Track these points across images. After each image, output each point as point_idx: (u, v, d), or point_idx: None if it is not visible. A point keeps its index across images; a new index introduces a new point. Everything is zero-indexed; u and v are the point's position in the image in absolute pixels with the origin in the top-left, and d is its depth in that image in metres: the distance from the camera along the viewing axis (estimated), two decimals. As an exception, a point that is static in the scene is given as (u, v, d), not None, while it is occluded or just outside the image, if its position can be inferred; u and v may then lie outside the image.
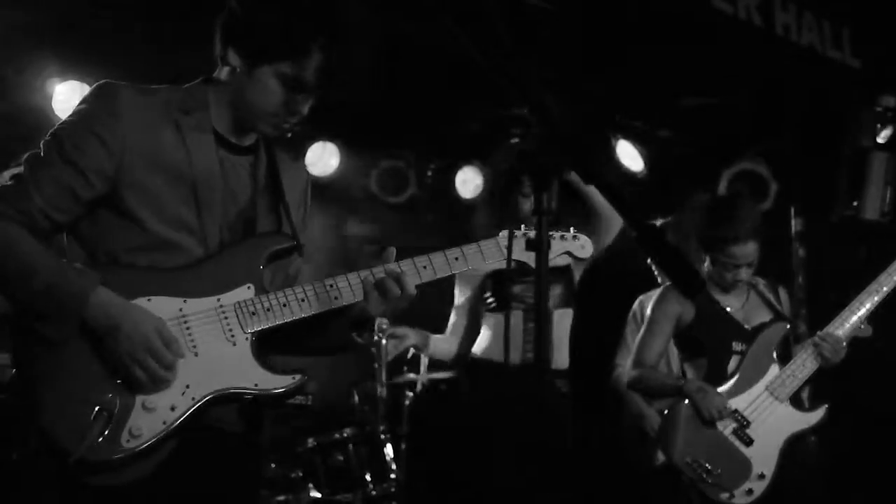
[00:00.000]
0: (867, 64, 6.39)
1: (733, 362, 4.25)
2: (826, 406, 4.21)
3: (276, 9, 2.49)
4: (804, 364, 4.22)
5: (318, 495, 5.11)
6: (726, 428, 4.12)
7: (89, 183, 2.44)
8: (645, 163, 6.65)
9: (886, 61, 6.31)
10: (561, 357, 4.37)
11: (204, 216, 2.52)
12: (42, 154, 2.46)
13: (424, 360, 5.42)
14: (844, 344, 4.20)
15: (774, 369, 4.21)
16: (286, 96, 2.52)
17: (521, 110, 2.04)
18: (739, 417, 4.13)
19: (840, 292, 4.60)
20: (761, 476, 4.06)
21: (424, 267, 2.62)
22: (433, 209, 7.39)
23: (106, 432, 2.32)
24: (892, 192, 6.11)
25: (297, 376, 2.53)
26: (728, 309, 4.35)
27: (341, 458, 5.24)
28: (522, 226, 2.69)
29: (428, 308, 3.68)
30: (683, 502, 4.08)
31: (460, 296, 4.76)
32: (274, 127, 2.58)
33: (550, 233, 2.64)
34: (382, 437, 5.40)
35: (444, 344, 4.83)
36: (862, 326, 4.27)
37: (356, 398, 5.68)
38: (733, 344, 4.26)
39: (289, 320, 2.54)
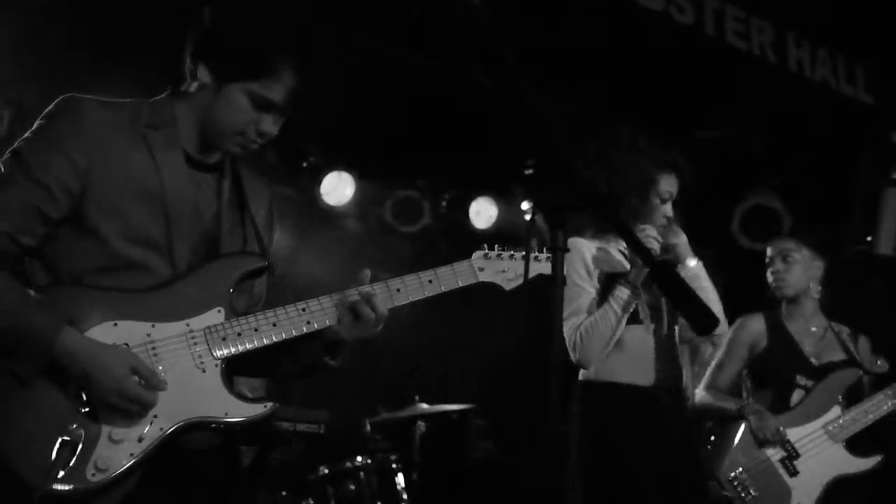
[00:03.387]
0: (880, 99, 6.40)
1: (796, 395, 4.31)
2: (881, 456, 4.24)
3: (248, 28, 2.43)
4: (867, 412, 4.28)
5: (329, 524, 5.10)
6: (775, 455, 4.17)
7: (56, 202, 2.31)
8: None
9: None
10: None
11: (174, 235, 2.40)
12: (3, 173, 2.33)
13: None
14: None
15: (836, 410, 4.28)
16: (255, 115, 2.43)
17: (533, 143, 2.06)
18: (790, 448, 4.18)
19: (852, 327, 4.62)
20: None
21: (398, 290, 2.54)
22: (447, 239, 7.42)
23: (71, 464, 2.20)
24: (906, 228, 6.11)
25: (269, 404, 2.40)
26: (799, 343, 4.42)
27: (353, 486, 5.23)
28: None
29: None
30: None
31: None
32: (240, 146, 2.48)
33: (521, 253, 2.63)
34: (394, 465, 5.41)
35: None
36: (878, 363, 4.36)
37: (368, 427, 5.70)
38: (797, 377, 4.33)
39: (259, 346, 2.42)
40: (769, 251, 4.57)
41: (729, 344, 4.45)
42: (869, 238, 6.25)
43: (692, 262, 3.79)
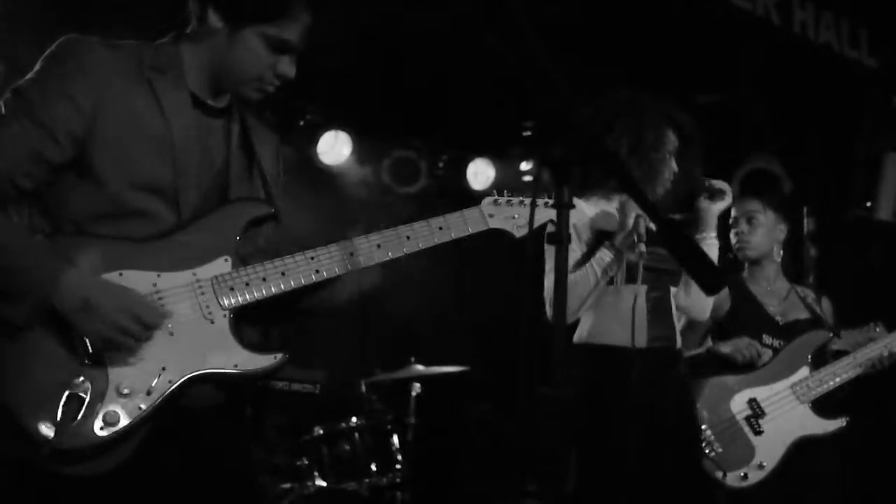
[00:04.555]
0: (884, 64, 6.35)
1: (764, 356, 4.31)
2: (846, 418, 4.23)
3: None
4: (836, 374, 4.26)
5: (324, 484, 5.10)
6: (740, 413, 4.16)
7: (59, 146, 2.23)
8: None
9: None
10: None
11: (180, 181, 2.33)
12: (4, 113, 2.24)
13: None
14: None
15: (804, 371, 4.26)
16: (272, 58, 2.38)
17: (535, 101, 2.01)
18: (755, 406, 4.18)
19: (851, 292, 4.61)
20: (761, 466, 4.09)
21: (408, 237, 2.49)
22: (444, 200, 7.38)
23: (78, 418, 2.14)
24: (906, 193, 6.09)
25: (279, 355, 2.35)
26: (763, 304, 4.42)
27: (347, 447, 5.23)
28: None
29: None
30: None
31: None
32: (258, 90, 2.43)
33: (525, 199, 2.61)
34: (389, 426, 5.41)
35: None
36: (877, 329, 4.35)
37: (363, 388, 5.69)
38: (764, 337, 4.33)
39: (269, 295, 2.37)
40: (733, 211, 4.51)
41: None
42: (868, 203, 6.22)
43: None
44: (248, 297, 2.36)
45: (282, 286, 2.39)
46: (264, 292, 2.37)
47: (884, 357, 4.30)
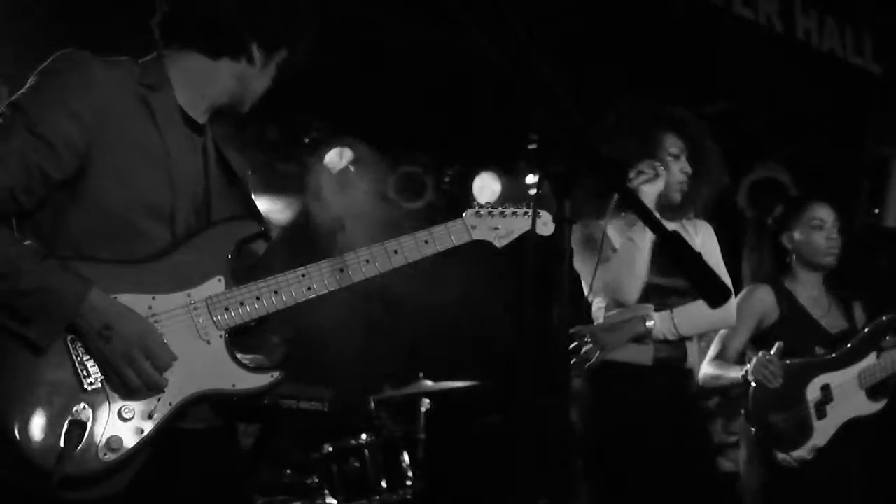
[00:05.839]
0: (888, 70, 6.33)
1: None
2: (886, 400, 4.27)
3: (231, 9, 2.40)
4: (894, 360, 4.27)
5: (334, 502, 5.09)
6: (813, 399, 4.17)
7: (61, 161, 2.18)
8: None
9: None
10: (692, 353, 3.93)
11: (176, 199, 2.33)
12: (2, 125, 2.18)
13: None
14: None
15: (872, 358, 4.28)
16: (246, 86, 2.49)
17: (539, 115, 2.00)
18: (827, 392, 4.19)
19: (860, 299, 4.58)
20: (815, 448, 4.12)
21: (395, 251, 2.51)
22: (450, 215, 7.35)
23: (82, 445, 2.12)
24: (914, 200, 6.07)
25: (276, 374, 2.36)
26: (812, 314, 4.39)
27: (357, 464, 5.21)
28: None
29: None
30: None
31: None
32: (248, 106, 2.54)
33: (510, 210, 2.65)
34: (399, 443, 5.39)
35: None
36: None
37: (372, 405, 5.67)
38: (816, 349, 4.31)
39: (263, 314, 2.38)
40: (821, 213, 4.44)
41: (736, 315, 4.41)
42: (876, 210, 6.20)
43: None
44: (243, 316, 2.37)
45: (275, 304, 2.40)
46: (259, 311, 2.38)
47: None
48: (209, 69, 2.42)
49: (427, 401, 5.58)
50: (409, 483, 5.30)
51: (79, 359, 2.18)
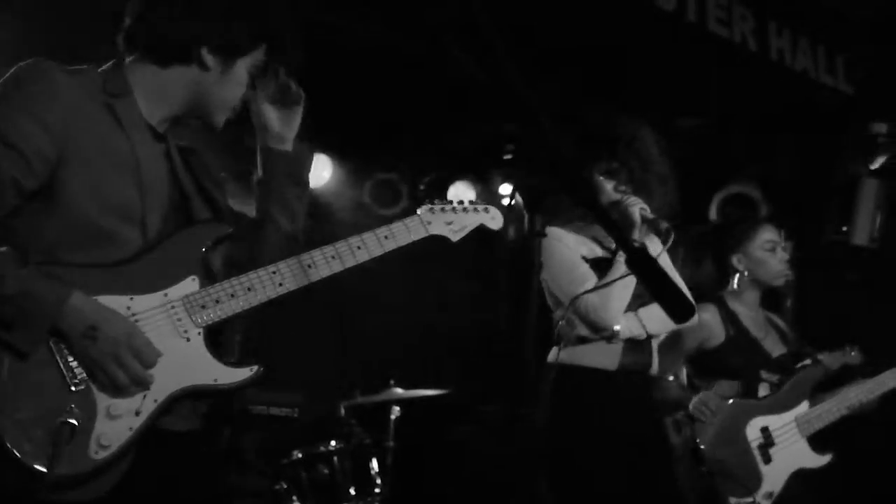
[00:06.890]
0: (860, 90, 6.42)
1: (762, 390, 4.34)
2: (831, 455, 4.31)
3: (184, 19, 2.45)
4: (830, 411, 4.33)
5: (303, 508, 5.08)
6: (754, 441, 4.19)
7: (33, 170, 2.22)
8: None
9: (879, 88, 6.35)
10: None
11: (146, 203, 2.37)
12: None
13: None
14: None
15: (805, 405, 4.32)
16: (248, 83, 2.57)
17: (513, 126, 2.03)
18: (768, 435, 4.21)
19: (828, 316, 4.64)
20: (769, 495, 4.15)
21: (358, 247, 2.61)
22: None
23: (72, 445, 2.16)
24: (882, 218, 6.14)
25: (255, 367, 2.43)
26: (756, 337, 4.44)
27: (326, 471, 5.20)
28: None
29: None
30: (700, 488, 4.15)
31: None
32: (227, 116, 2.59)
33: (462, 205, 2.81)
34: (368, 450, 5.39)
35: None
36: (853, 353, 4.39)
37: (342, 411, 5.67)
38: (761, 372, 4.35)
39: (238, 311, 2.46)
40: (773, 235, 4.51)
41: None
42: (845, 228, 6.27)
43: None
44: (219, 313, 2.44)
45: (249, 301, 2.47)
46: (234, 308, 2.46)
47: (872, 401, 4.38)
48: (160, 78, 2.47)
49: (397, 408, 5.59)
50: (377, 490, 5.29)
51: (63, 361, 2.22)
